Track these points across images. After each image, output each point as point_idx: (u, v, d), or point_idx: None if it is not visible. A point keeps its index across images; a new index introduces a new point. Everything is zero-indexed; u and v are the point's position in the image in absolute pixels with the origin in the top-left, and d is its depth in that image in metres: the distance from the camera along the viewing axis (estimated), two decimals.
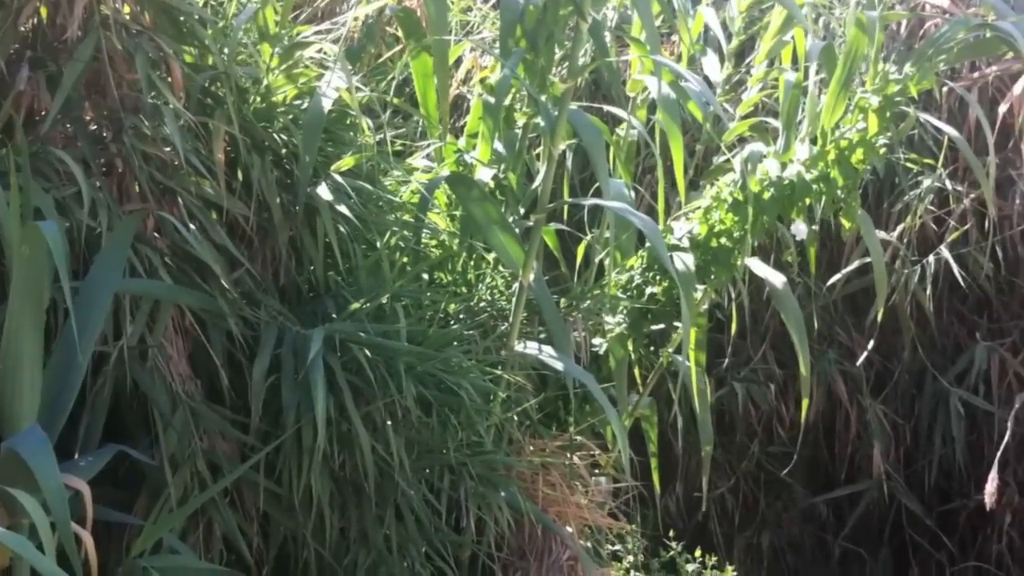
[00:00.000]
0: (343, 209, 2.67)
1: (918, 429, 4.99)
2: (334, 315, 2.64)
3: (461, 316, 3.04)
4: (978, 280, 4.82)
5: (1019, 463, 4.74)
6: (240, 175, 2.65)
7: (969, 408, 4.79)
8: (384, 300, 2.67)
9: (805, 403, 3.74)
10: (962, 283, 4.64)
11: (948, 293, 4.91)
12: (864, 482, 4.89)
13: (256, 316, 2.54)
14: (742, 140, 3.74)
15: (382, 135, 2.89)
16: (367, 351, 2.51)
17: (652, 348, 3.64)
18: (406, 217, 2.99)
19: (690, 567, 3.81)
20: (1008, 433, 4.48)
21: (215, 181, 2.52)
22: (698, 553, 3.85)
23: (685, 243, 3.44)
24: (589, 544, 3.20)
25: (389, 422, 2.56)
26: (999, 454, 4.42)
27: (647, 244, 3.41)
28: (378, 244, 2.81)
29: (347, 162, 2.77)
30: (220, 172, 2.52)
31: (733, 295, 3.82)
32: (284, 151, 2.71)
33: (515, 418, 3.07)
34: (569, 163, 3.78)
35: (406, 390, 2.54)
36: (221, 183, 2.52)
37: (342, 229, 2.69)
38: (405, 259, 2.93)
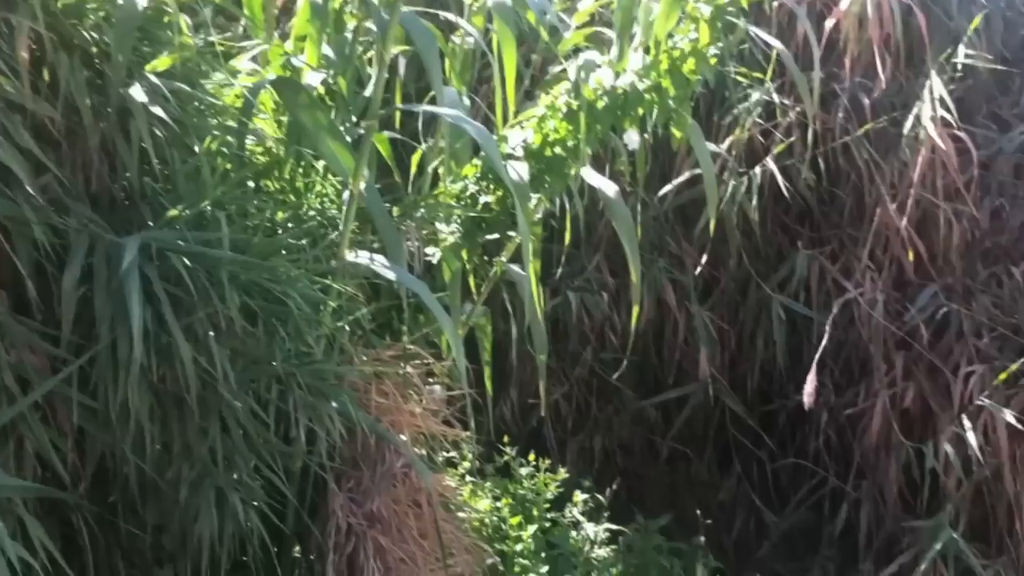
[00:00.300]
0: (159, 112, 2.54)
1: (742, 334, 5.18)
2: (151, 223, 2.53)
3: (289, 225, 2.96)
4: (801, 191, 4.99)
5: (835, 365, 4.99)
6: (47, 75, 2.49)
7: (790, 313, 4.99)
8: (205, 207, 2.58)
9: (636, 311, 3.82)
10: (786, 194, 4.79)
11: (772, 203, 5.07)
12: (691, 385, 5.06)
13: (65, 224, 2.41)
14: (578, 50, 3.73)
15: (203, 35, 2.76)
16: (186, 260, 2.42)
17: (486, 257, 3.65)
18: (229, 122, 2.87)
19: (524, 471, 3.89)
20: (826, 337, 4.69)
21: (18, 81, 2.35)
22: (532, 457, 3.93)
23: (519, 152, 3.43)
24: (423, 451, 3.23)
25: (212, 333, 2.49)
26: (817, 357, 4.62)
27: (481, 153, 3.38)
28: (197, 149, 2.69)
29: (163, 62, 2.63)
30: (24, 72, 2.36)
31: (567, 205, 3.85)
32: (95, 50, 2.55)
33: (346, 328, 3.04)
34: (402, 71, 3.71)
35: (229, 300, 2.47)
36: (25, 83, 2.36)
37: (158, 133, 2.56)
38: (228, 165, 2.83)
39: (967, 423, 4.53)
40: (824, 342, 4.67)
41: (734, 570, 4.65)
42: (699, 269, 4.97)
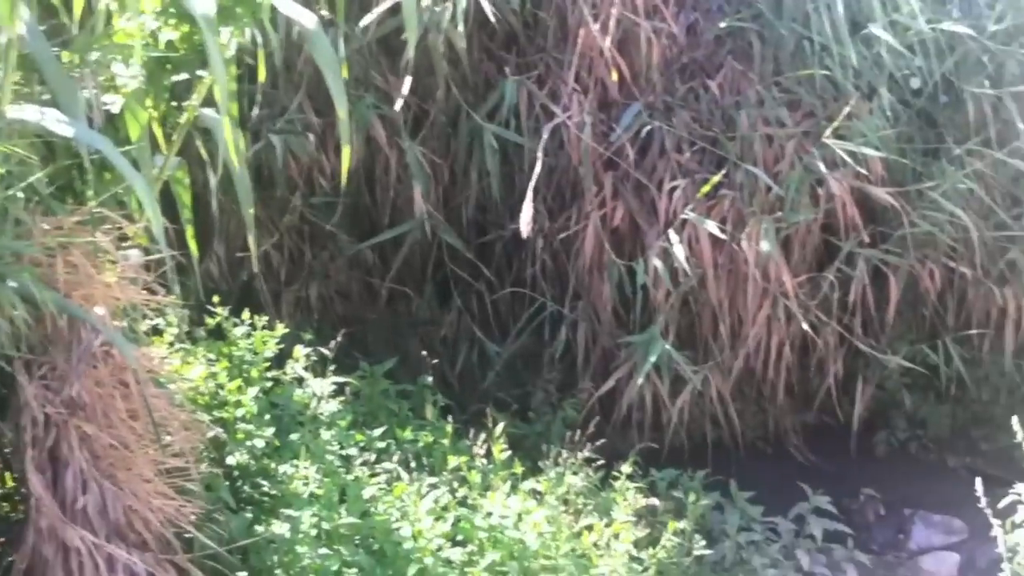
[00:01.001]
0: None
1: (455, 167, 5.08)
2: None
3: None
4: (505, 16, 4.85)
5: (548, 191, 5.00)
6: None
7: (502, 142, 4.91)
8: None
9: (346, 150, 3.59)
10: (491, 19, 4.63)
11: (478, 30, 4.92)
12: (407, 224, 4.93)
13: None
14: None
15: None
16: None
17: (175, 103, 3.29)
18: None
19: (238, 330, 3.66)
20: (539, 163, 4.65)
21: None
22: (246, 315, 3.70)
23: None
24: (125, 324, 2.95)
25: None
26: (532, 184, 4.59)
27: None
28: None
29: None
30: None
31: (260, 39, 3.52)
32: None
33: (19, 195, 2.70)
34: None
35: None
36: None
37: None
38: None
39: (673, 237, 4.69)
40: (537, 169, 4.63)
41: (461, 403, 4.67)
42: (408, 103, 4.75)
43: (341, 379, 3.77)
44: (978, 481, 3.31)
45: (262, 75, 3.68)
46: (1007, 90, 5.05)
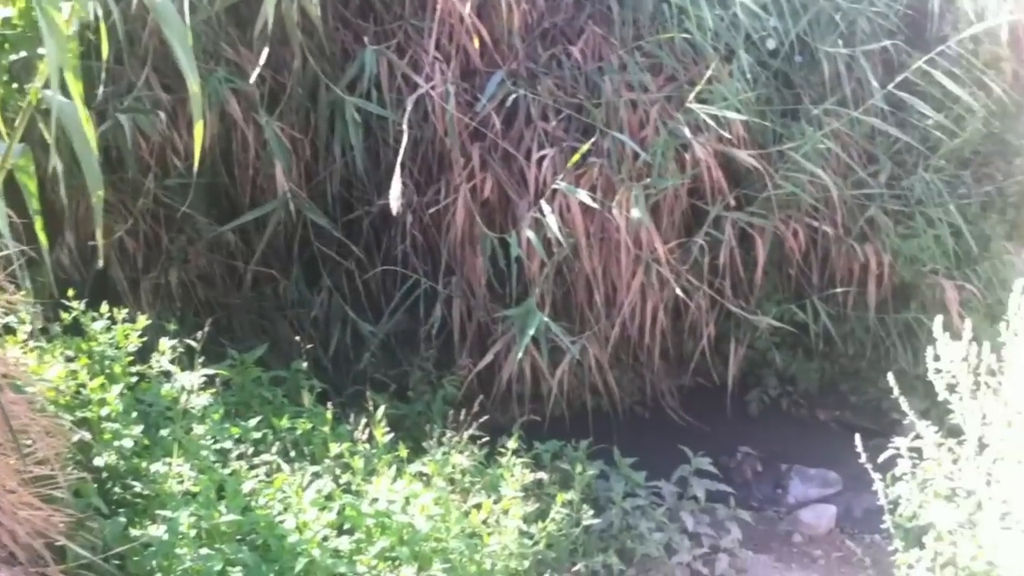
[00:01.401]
0: None
1: (317, 142, 4.88)
2: None
3: None
4: None
5: (414, 164, 4.86)
6: None
7: (364, 115, 4.73)
8: None
9: (198, 127, 3.37)
10: None
11: None
12: (269, 204, 4.71)
13: None
14: None
15: None
16: None
17: (15, 84, 3.04)
18: None
19: (97, 324, 3.42)
20: (405, 136, 4.51)
21: None
22: (104, 308, 3.46)
23: None
24: None
25: None
26: (400, 158, 4.44)
27: None
28: None
29: None
30: None
31: (101, 13, 3.27)
32: None
33: None
34: None
35: None
36: None
37: None
38: None
39: (545, 207, 4.63)
40: (404, 142, 4.48)
41: (337, 387, 4.51)
42: (263, 76, 4.52)
43: (211, 370, 3.57)
44: (857, 437, 3.38)
45: (105, 51, 3.44)
46: (860, 48, 5.15)
